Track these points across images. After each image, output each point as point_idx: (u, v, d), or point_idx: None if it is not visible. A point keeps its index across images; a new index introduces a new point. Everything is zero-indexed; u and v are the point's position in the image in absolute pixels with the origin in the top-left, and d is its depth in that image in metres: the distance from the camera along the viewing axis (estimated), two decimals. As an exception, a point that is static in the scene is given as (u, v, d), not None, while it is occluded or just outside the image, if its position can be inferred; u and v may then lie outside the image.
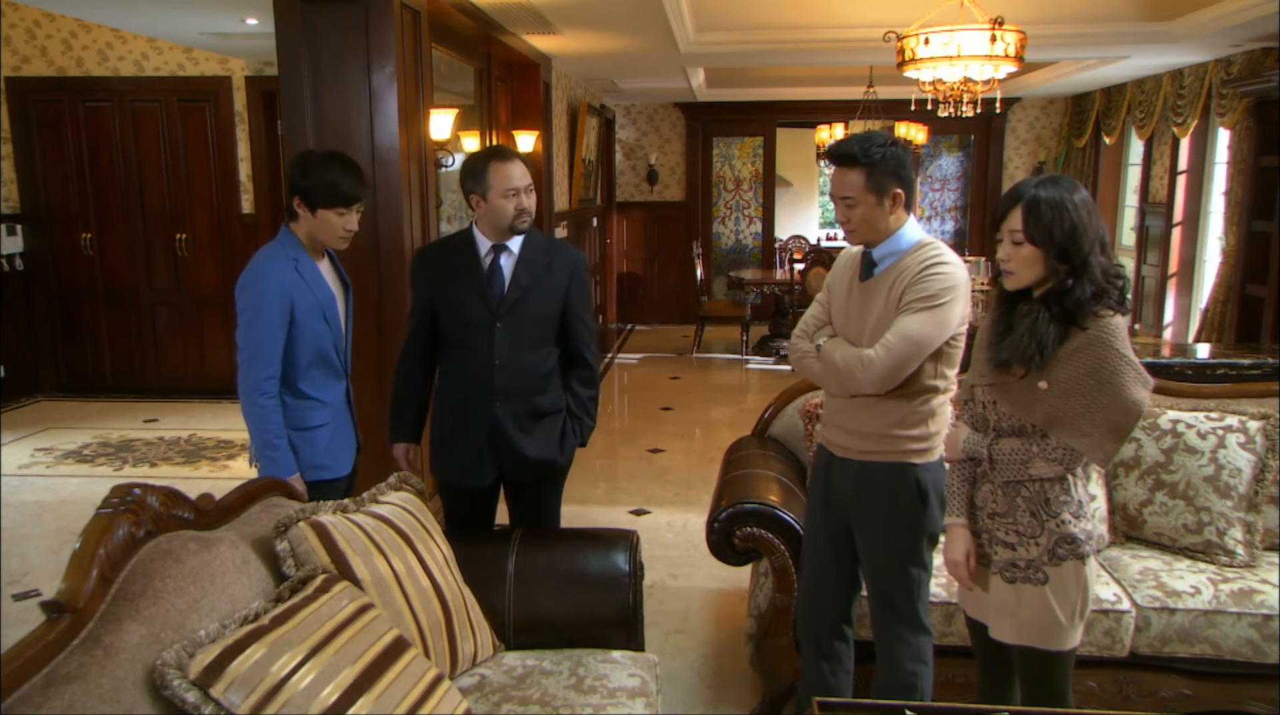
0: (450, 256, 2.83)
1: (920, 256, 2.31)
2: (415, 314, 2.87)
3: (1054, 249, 2.01)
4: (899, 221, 2.34)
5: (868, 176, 2.28)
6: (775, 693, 2.91)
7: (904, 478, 2.39)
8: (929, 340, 2.26)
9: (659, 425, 6.78)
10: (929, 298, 2.25)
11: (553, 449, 2.89)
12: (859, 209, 2.31)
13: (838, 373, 2.36)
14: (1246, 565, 2.93)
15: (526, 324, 2.78)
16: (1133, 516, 3.08)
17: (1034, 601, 2.13)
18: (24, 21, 6.97)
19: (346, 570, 1.98)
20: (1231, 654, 2.74)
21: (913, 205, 2.38)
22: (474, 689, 2.18)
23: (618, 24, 5.75)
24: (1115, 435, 2.01)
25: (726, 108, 10.75)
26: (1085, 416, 2.01)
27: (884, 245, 2.35)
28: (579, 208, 8.55)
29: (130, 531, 1.73)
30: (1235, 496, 2.96)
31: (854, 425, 2.43)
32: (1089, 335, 2.01)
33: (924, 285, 2.26)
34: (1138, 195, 8.81)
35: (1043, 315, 2.04)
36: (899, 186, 2.30)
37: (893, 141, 2.31)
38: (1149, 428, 3.06)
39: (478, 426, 2.80)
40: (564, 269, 2.84)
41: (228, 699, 1.56)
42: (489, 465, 2.84)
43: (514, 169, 2.71)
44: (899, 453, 2.39)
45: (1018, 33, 4.51)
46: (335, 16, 3.75)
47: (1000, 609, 2.19)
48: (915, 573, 2.45)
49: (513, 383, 2.78)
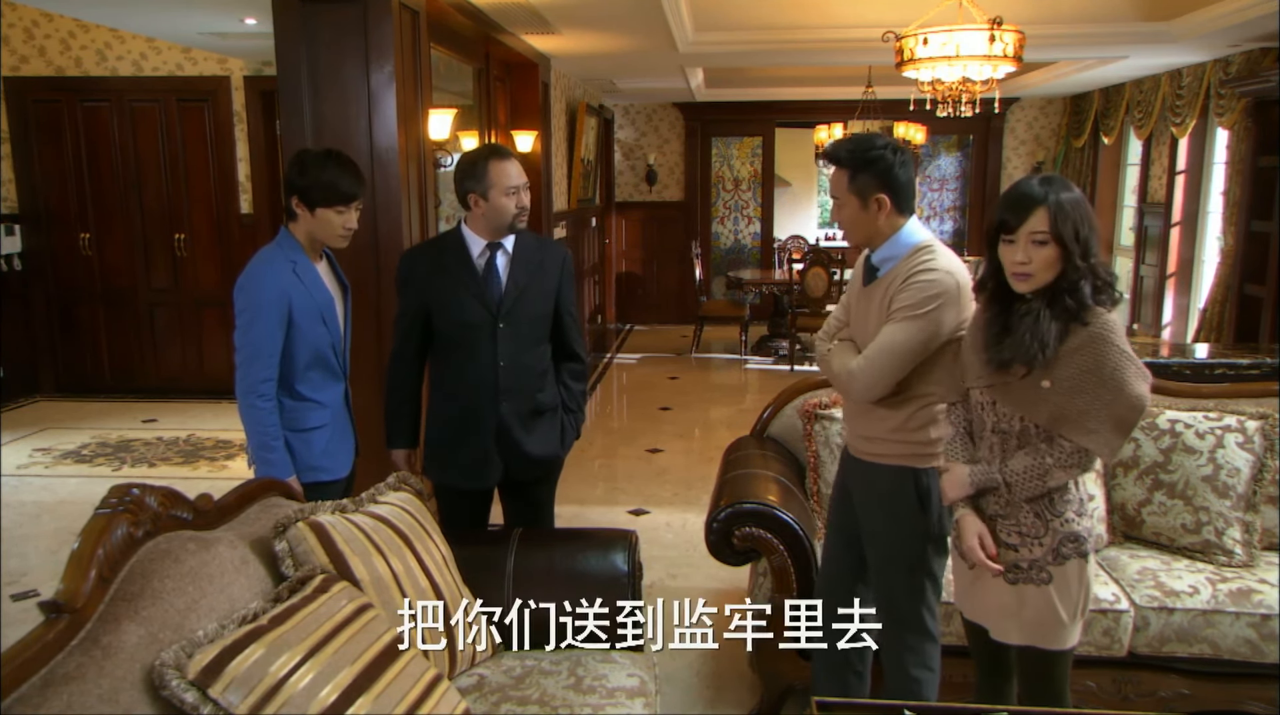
0: (442, 258, 2.79)
1: (910, 264, 2.30)
2: (406, 318, 2.84)
3: (1079, 248, 2.01)
4: (894, 225, 2.33)
5: (850, 179, 2.30)
6: (774, 693, 2.91)
7: (905, 481, 2.40)
8: (912, 350, 2.26)
9: (658, 425, 6.78)
10: (911, 307, 2.26)
11: (554, 444, 2.90)
12: (845, 210, 2.34)
13: (835, 380, 2.44)
14: (1245, 565, 2.93)
15: (526, 323, 2.78)
16: (1131, 516, 3.08)
17: (1036, 601, 2.13)
18: (22, 21, 6.96)
19: (345, 570, 1.98)
20: (1230, 654, 2.75)
21: (910, 209, 2.35)
22: (473, 689, 2.18)
23: (617, 24, 5.75)
24: (1121, 430, 2.02)
25: (725, 108, 10.75)
26: (1091, 413, 2.02)
27: (883, 249, 2.36)
28: (578, 208, 8.55)
29: (129, 532, 1.72)
30: (1234, 496, 2.97)
31: (860, 428, 2.47)
32: (1090, 332, 2.02)
33: (907, 294, 2.27)
34: (1136, 195, 8.81)
35: (1044, 314, 2.03)
36: (883, 192, 2.28)
37: (885, 145, 2.29)
38: (1148, 428, 3.06)
39: (484, 428, 2.79)
40: (555, 265, 2.85)
41: (226, 699, 1.55)
42: (495, 466, 2.84)
43: (513, 167, 2.72)
44: (901, 456, 2.40)
45: (1016, 33, 4.51)
46: (334, 16, 3.74)
47: (1002, 610, 2.19)
48: (918, 577, 2.44)
49: (516, 382, 2.78)
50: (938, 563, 2.47)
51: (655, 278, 11.33)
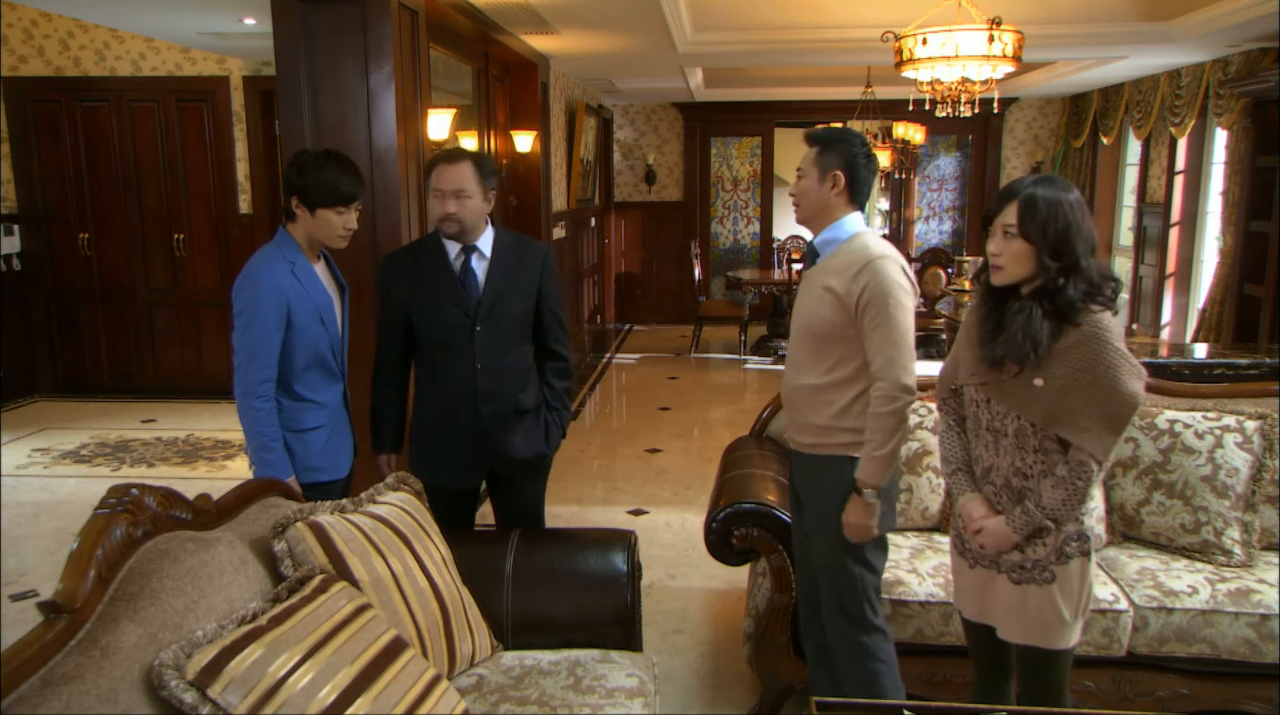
0: (419, 262, 2.80)
1: (853, 251, 2.41)
2: (387, 323, 2.84)
3: (1046, 246, 2.02)
4: (841, 210, 2.45)
5: (818, 154, 2.44)
6: (773, 692, 2.91)
7: (842, 471, 2.43)
8: (910, 327, 2.36)
9: (657, 425, 6.78)
10: (884, 297, 2.34)
11: (539, 443, 2.89)
12: (803, 181, 2.46)
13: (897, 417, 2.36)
14: (1244, 565, 2.93)
15: (505, 324, 2.78)
16: (1130, 516, 3.09)
17: (1039, 601, 2.14)
18: (21, 21, 6.96)
19: (344, 570, 1.98)
20: (1229, 653, 2.75)
21: (861, 204, 2.48)
22: (472, 689, 2.18)
23: (616, 24, 5.75)
24: (1113, 428, 2.02)
25: (724, 108, 10.76)
26: (1083, 411, 2.02)
27: (826, 232, 2.47)
28: (577, 208, 8.55)
29: (128, 532, 1.72)
30: (1232, 496, 2.97)
31: (798, 418, 2.52)
32: (1083, 331, 2.02)
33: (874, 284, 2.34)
34: (1135, 195, 8.81)
35: (1035, 312, 2.04)
36: (840, 169, 2.42)
37: (861, 143, 2.45)
38: (1146, 427, 3.07)
39: (465, 430, 2.79)
40: (534, 263, 2.84)
41: (225, 699, 1.55)
42: (479, 466, 2.84)
43: (443, 171, 2.70)
44: (838, 446, 2.44)
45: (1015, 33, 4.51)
46: (333, 16, 3.74)
47: (1008, 610, 2.20)
48: (857, 570, 2.48)
49: (496, 384, 2.77)
50: (876, 556, 2.50)
51: (654, 278, 11.33)
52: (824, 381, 2.43)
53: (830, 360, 2.42)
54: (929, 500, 3.17)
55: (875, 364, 2.34)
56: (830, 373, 2.42)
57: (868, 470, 2.36)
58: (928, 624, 2.80)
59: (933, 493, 3.17)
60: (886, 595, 2.75)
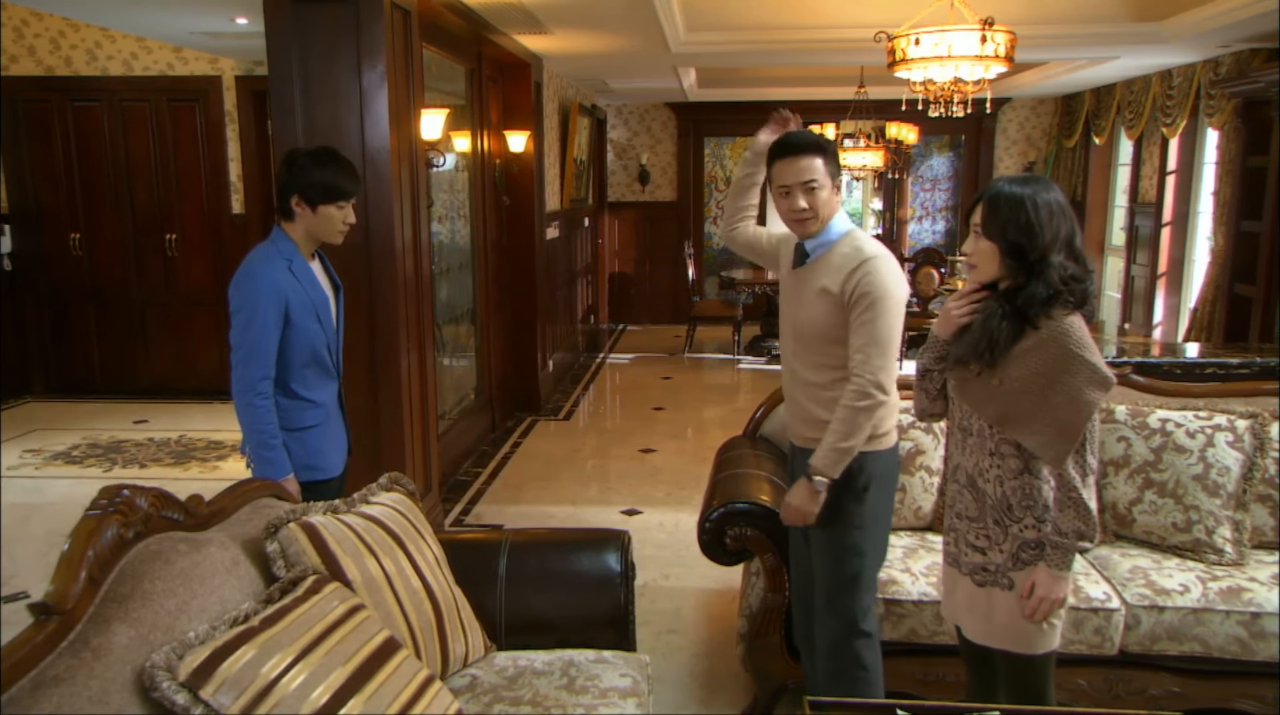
0: None
1: (845, 251, 2.41)
2: None
3: (1006, 245, 2.01)
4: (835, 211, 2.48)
5: (825, 162, 2.42)
6: (767, 692, 2.91)
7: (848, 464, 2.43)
8: (898, 330, 2.38)
9: (651, 425, 6.78)
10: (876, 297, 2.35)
11: None
12: (822, 192, 2.41)
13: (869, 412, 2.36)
14: (1235, 563, 2.94)
15: None
16: (1122, 515, 3.09)
17: (1004, 606, 2.14)
18: (12, 20, 6.93)
19: (337, 571, 1.97)
20: (1220, 652, 2.76)
21: None
22: (465, 689, 2.18)
23: (609, 24, 5.75)
24: (1066, 435, 1.98)
25: (718, 108, 10.75)
26: (1036, 415, 2.00)
27: (821, 234, 2.46)
28: (570, 208, 8.55)
29: (119, 533, 1.72)
30: (1224, 495, 2.98)
31: (801, 412, 2.54)
32: (1041, 335, 2.00)
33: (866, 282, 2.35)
34: (1127, 195, 8.84)
35: (996, 313, 2.04)
36: (838, 172, 2.46)
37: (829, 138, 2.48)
38: (1138, 427, 3.08)
39: None
40: None
41: (217, 700, 1.55)
42: None
43: None
44: None
45: (1008, 33, 4.51)
46: (325, 16, 3.73)
47: (972, 610, 2.20)
48: (854, 569, 2.48)
49: None
50: (872, 556, 2.50)
51: (648, 278, 11.33)
52: (827, 380, 2.45)
53: (832, 359, 2.44)
54: (922, 500, 3.17)
55: (854, 360, 2.36)
56: (833, 371, 2.44)
57: (826, 460, 2.37)
58: (921, 623, 2.81)
59: (925, 492, 3.17)
60: (880, 595, 2.76)
